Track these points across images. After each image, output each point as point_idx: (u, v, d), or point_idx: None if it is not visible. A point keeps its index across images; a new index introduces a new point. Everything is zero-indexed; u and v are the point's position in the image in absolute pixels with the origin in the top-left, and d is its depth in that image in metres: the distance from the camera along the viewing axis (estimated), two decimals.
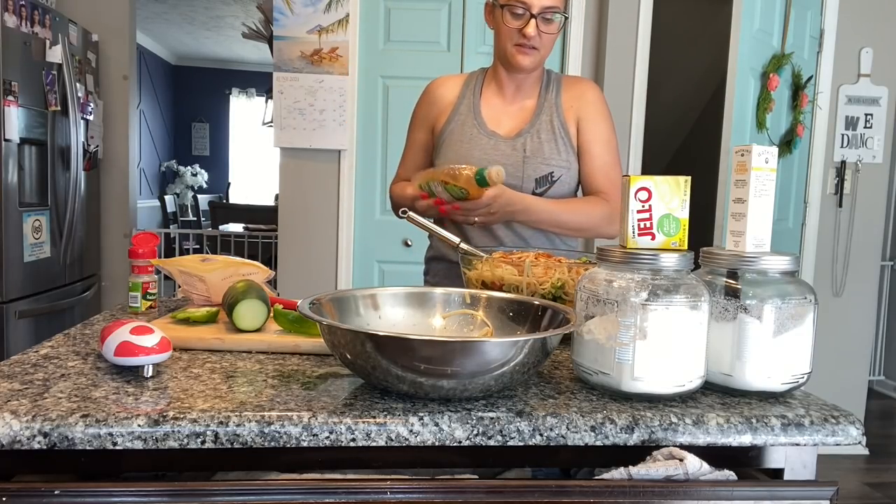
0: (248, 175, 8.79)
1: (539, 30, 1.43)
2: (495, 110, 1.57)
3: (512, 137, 1.54)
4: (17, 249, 2.70)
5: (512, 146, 1.53)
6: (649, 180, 0.89)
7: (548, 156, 1.53)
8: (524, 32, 1.43)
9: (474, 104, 1.57)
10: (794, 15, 3.04)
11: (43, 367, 0.90)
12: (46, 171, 2.90)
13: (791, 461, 0.86)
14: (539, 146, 1.53)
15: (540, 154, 1.52)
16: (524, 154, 1.52)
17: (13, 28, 2.59)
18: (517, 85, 1.56)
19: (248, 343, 1.01)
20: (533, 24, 1.42)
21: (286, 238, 3.19)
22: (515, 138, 1.53)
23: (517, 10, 1.42)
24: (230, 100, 8.73)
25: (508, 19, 1.44)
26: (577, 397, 0.85)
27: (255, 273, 1.22)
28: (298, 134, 3.09)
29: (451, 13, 3.12)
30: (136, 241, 1.24)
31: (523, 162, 1.52)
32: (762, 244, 0.91)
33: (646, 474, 0.73)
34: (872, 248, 3.44)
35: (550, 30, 1.45)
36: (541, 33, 1.44)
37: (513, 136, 1.54)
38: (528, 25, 1.42)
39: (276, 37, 3.06)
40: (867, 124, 3.34)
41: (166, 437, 0.72)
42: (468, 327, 1.01)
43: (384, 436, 0.75)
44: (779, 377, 0.87)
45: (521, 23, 1.43)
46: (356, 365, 0.81)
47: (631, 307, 0.82)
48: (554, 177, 1.53)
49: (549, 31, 1.46)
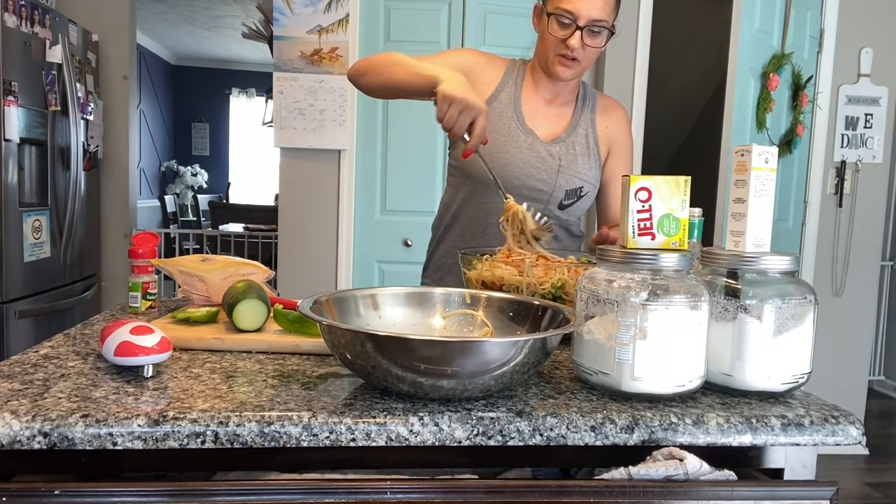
0: (248, 175, 8.79)
1: (583, 42, 1.39)
2: (533, 108, 1.53)
3: (548, 142, 1.51)
4: (17, 249, 2.70)
5: (548, 151, 1.50)
6: (649, 180, 0.89)
7: (580, 170, 1.52)
8: (568, 43, 1.38)
9: (515, 96, 1.51)
10: (794, 15, 3.04)
11: (43, 367, 0.90)
12: (46, 171, 2.90)
13: (791, 461, 0.86)
14: (574, 159, 1.51)
15: (574, 167, 1.51)
16: (559, 163, 1.50)
17: (13, 28, 2.59)
18: (555, 90, 1.52)
19: (248, 343, 1.01)
20: (578, 35, 1.38)
21: (286, 238, 3.19)
22: (552, 144, 1.51)
23: (564, 19, 1.38)
24: (230, 100, 8.73)
25: (555, 28, 1.40)
26: (577, 397, 0.85)
27: (255, 273, 1.22)
28: (298, 134, 3.09)
29: (451, 13, 3.12)
30: (136, 241, 1.24)
31: (557, 171, 1.50)
32: (762, 244, 0.91)
33: (646, 474, 0.73)
34: (872, 248, 3.44)
35: (595, 43, 1.41)
36: (585, 46, 1.40)
37: (549, 141, 1.51)
38: (572, 37, 1.38)
39: (276, 37, 3.06)
40: (867, 124, 3.34)
41: (166, 437, 0.72)
42: (468, 327, 1.01)
43: (384, 436, 0.75)
44: (779, 377, 0.87)
45: (566, 33, 1.39)
46: (356, 365, 0.81)
47: (631, 307, 0.82)
48: (583, 192, 1.53)
49: (594, 45, 1.41)
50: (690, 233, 1.10)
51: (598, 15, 1.38)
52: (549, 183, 1.49)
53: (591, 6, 1.36)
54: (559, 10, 1.38)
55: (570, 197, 1.51)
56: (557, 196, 1.50)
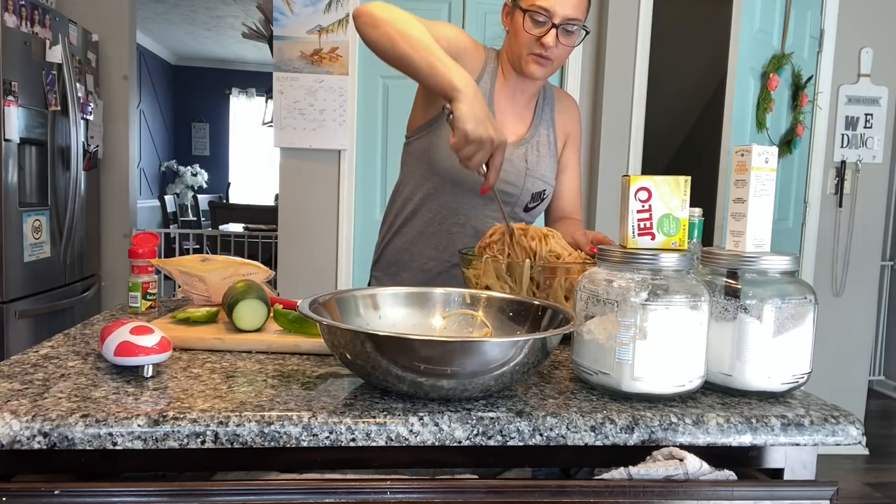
0: (248, 175, 8.79)
1: (558, 40, 1.37)
2: (504, 108, 1.49)
3: (515, 144, 1.47)
4: (17, 249, 2.70)
5: (515, 153, 1.47)
6: (649, 180, 0.89)
7: (544, 172, 1.50)
8: (543, 42, 1.36)
9: (490, 93, 1.46)
10: (794, 15, 3.04)
11: (43, 367, 0.90)
12: (46, 171, 2.91)
13: (791, 461, 0.86)
14: (538, 161, 1.49)
15: (538, 169, 1.49)
16: (526, 165, 1.47)
17: (13, 28, 2.59)
18: (524, 89, 1.49)
19: (248, 343, 1.01)
20: (553, 33, 1.35)
21: (286, 238, 3.19)
22: (517, 146, 1.48)
23: (539, 17, 1.35)
24: (230, 100, 8.73)
25: (529, 25, 1.37)
26: (577, 397, 0.85)
27: (255, 273, 1.22)
28: (298, 134, 3.09)
29: (451, 13, 3.12)
30: (136, 241, 1.24)
31: (525, 174, 1.47)
32: (762, 244, 0.91)
33: (646, 474, 0.73)
34: (872, 248, 3.44)
35: (569, 42, 1.39)
36: (559, 44, 1.37)
37: (515, 143, 1.48)
38: (548, 35, 1.35)
39: (276, 37, 3.06)
40: (867, 124, 3.34)
41: (166, 437, 0.72)
42: (468, 327, 1.01)
43: (384, 436, 0.75)
44: (779, 377, 0.87)
45: (541, 31, 1.36)
46: (356, 365, 0.81)
47: (631, 307, 0.82)
48: (545, 194, 1.51)
49: (568, 44, 1.39)
50: (690, 233, 1.10)
51: (573, 13, 1.36)
52: (518, 186, 1.46)
53: (567, 4, 1.34)
54: (534, 7, 1.35)
55: (535, 200, 1.49)
56: (524, 199, 1.48)
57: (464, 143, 1.17)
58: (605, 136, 3.22)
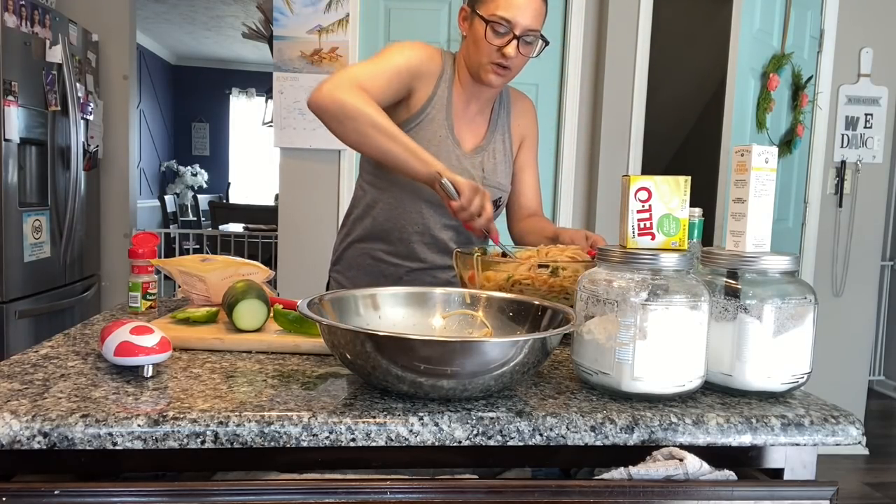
0: (248, 175, 8.79)
1: (518, 51, 1.38)
2: (460, 115, 1.49)
3: (471, 152, 1.49)
4: (17, 249, 2.70)
5: (471, 162, 1.48)
6: (649, 180, 0.89)
7: (500, 180, 1.51)
8: (504, 52, 1.37)
9: (448, 100, 1.46)
10: (794, 15, 3.04)
11: (43, 367, 0.90)
12: (46, 171, 2.91)
13: (791, 461, 0.86)
14: (494, 168, 1.50)
15: (494, 177, 1.50)
16: (482, 174, 1.48)
17: (13, 28, 2.59)
18: (480, 96, 1.49)
19: (248, 343, 1.01)
20: (514, 44, 1.37)
21: (286, 238, 3.19)
22: (474, 154, 1.49)
23: (500, 27, 1.36)
24: (230, 100, 8.73)
25: (490, 35, 1.37)
26: (577, 397, 0.85)
27: (255, 273, 1.22)
28: (298, 134, 3.09)
29: (451, 13, 3.12)
30: (136, 241, 1.24)
31: (482, 183, 1.46)
32: (762, 244, 0.91)
33: (646, 474, 0.73)
34: (872, 248, 3.44)
35: (528, 52, 1.41)
36: (518, 54, 1.39)
37: (471, 151, 1.49)
38: (508, 45, 1.37)
39: (276, 37, 3.06)
40: (867, 124, 3.34)
41: (166, 437, 0.72)
42: (468, 328, 1.01)
43: (384, 436, 0.75)
44: (779, 377, 0.87)
45: (502, 41, 1.37)
46: (356, 365, 0.81)
47: (631, 307, 0.82)
48: (501, 202, 1.52)
49: (527, 54, 1.41)
50: (690, 233, 1.10)
51: (533, 24, 1.38)
52: None
53: (527, 15, 1.36)
54: (495, 18, 1.36)
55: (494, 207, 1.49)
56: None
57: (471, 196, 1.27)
58: (605, 136, 3.22)
